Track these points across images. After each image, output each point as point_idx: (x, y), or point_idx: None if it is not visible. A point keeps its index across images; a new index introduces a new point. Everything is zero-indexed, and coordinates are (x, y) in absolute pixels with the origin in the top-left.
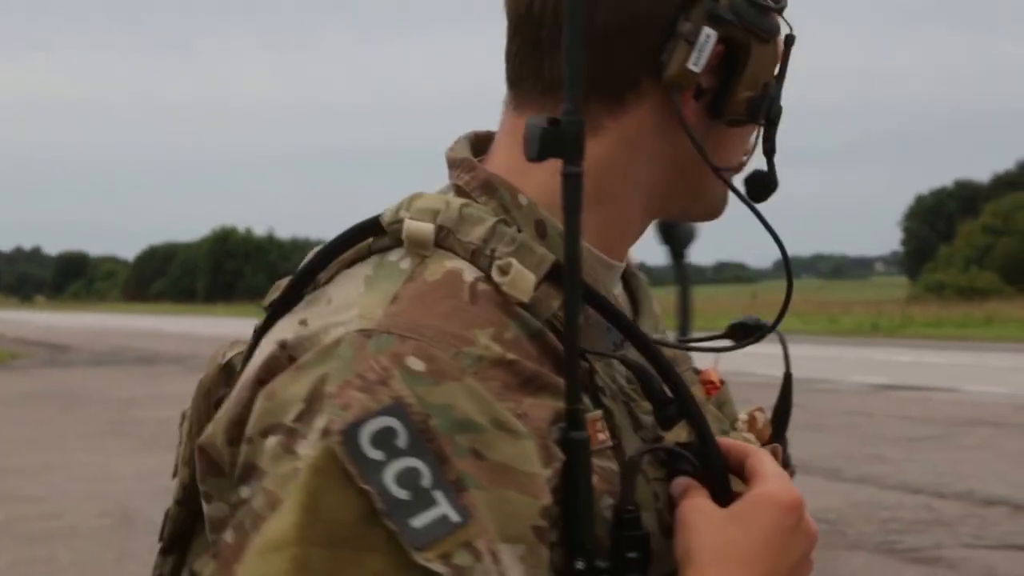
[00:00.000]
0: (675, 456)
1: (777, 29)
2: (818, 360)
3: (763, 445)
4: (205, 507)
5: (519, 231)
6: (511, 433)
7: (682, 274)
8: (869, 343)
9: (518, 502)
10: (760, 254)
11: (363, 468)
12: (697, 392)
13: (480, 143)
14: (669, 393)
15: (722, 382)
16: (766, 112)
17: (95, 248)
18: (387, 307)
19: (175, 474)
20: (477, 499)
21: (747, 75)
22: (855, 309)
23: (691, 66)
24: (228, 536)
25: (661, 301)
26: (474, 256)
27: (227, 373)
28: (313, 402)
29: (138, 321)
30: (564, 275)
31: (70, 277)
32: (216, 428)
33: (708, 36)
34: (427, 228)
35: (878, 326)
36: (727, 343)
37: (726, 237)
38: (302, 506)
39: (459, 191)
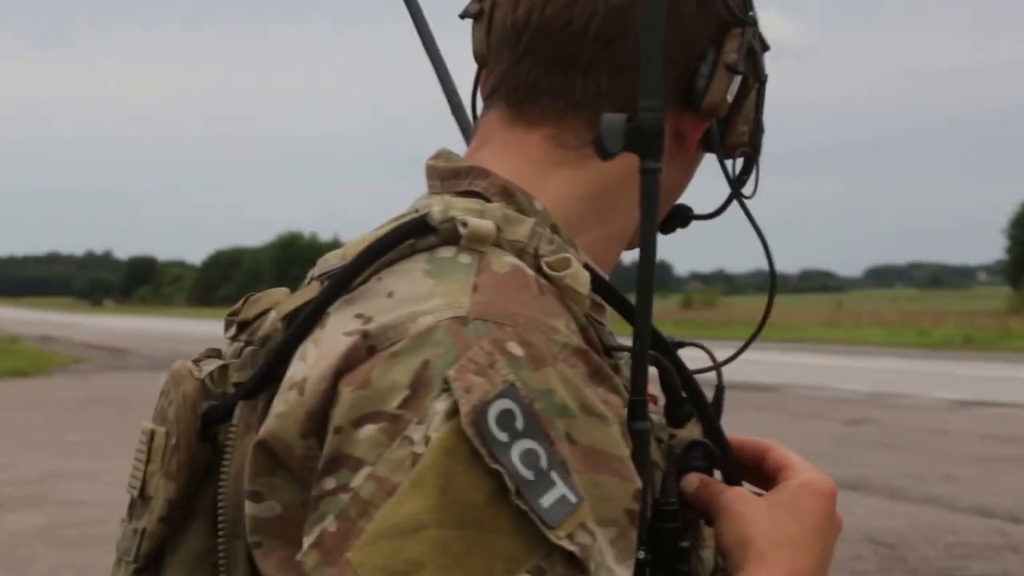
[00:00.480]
0: (690, 452)
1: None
2: (898, 374)
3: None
4: (250, 507)
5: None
6: (600, 418)
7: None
8: (959, 357)
9: (611, 486)
10: (849, 261)
11: (493, 448)
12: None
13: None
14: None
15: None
16: (759, 144)
17: (164, 253)
18: (472, 296)
19: (142, 492)
20: (579, 482)
21: (746, 108)
22: (948, 321)
23: (729, 96)
24: (330, 525)
25: (740, 310)
26: (520, 254)
27: (205, 387)
28: (420, 387)
29: (200, 326)
30: (639, 272)
31: (139, 282)
32: (284, 423)
33: (741, 68)
34: (489, 225)
35: (971, 339)
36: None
37: (812, 244)
38: (436, 488)
39: (474, 196)
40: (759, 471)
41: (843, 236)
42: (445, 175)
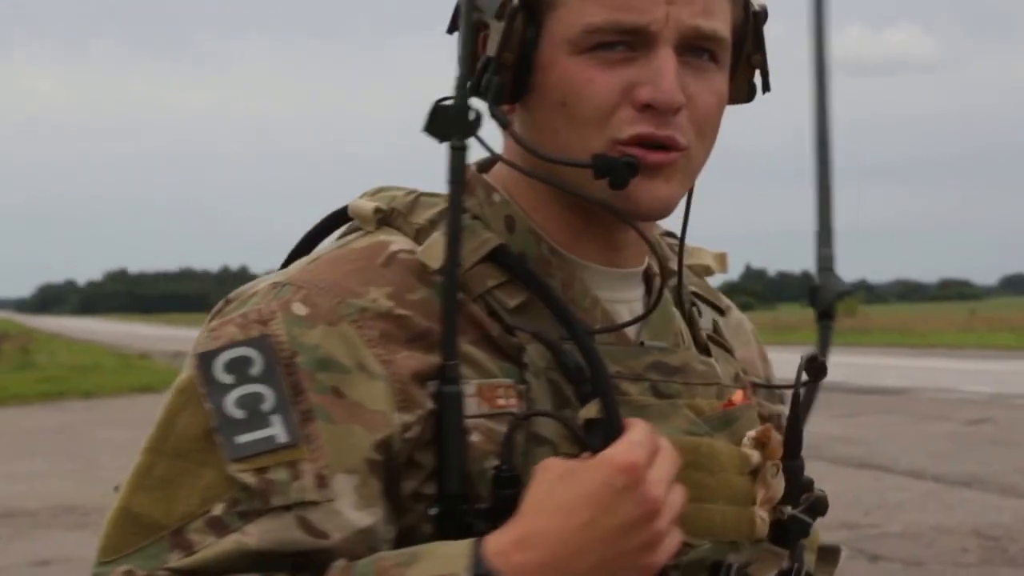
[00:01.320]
0: (587, 431)
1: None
2: (1022, 375)
3: (775, 464)
4: None
5: (475, 218)
6: (369, 375)
7: (823, 339)
8: None
9: (358, 435)
10: (985, 270)
11: (209, 389)
12: (707, 404)
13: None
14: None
15: (745, 404)
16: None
17: None
18: (304, 266)
19: None
20: (322, 430)
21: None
22: None
23: (491, 51)
24: None
25: (878, 319)
26: (418, 234)
27: None
28: None
29: None
30: (447, 240)
31: None
32: None
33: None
34: (368, 206)
35: None
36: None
37: (950, 253)
38: (161, 420)
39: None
40: None
41: (980, 245)
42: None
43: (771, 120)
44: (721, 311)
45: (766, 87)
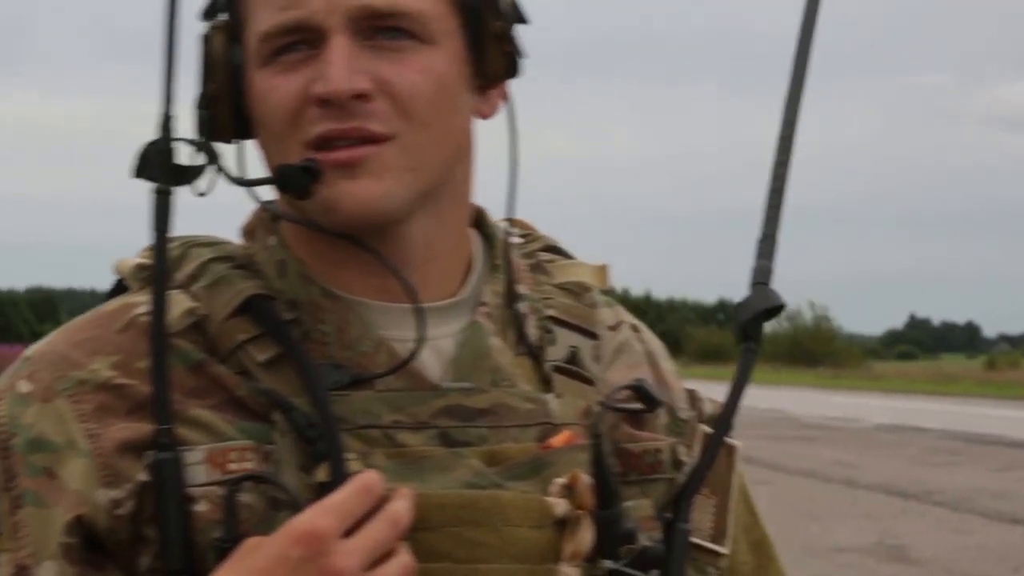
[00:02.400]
0: (322, 494)
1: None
2: None
3: (587, 511)
4: None
5: (240, 267)
6: (76, 452)
7: (741, 364)
8: None
9: (55, 518)
10: None
11: None
12: (518, 448)
13: None
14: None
15: (567, 446)
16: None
17: None
18: (54, 333)
19: None
20: (31, 516)
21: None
22: None
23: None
24: None
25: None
26: (183, 288)
27: None
28: None
29: None
30: (153, 297)
31: None
32: None
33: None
34: (130, 264)
35: None
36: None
37: None
38: None
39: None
40: None
41: None
42: None
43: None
44: (592, 335)
45: (512, 65)
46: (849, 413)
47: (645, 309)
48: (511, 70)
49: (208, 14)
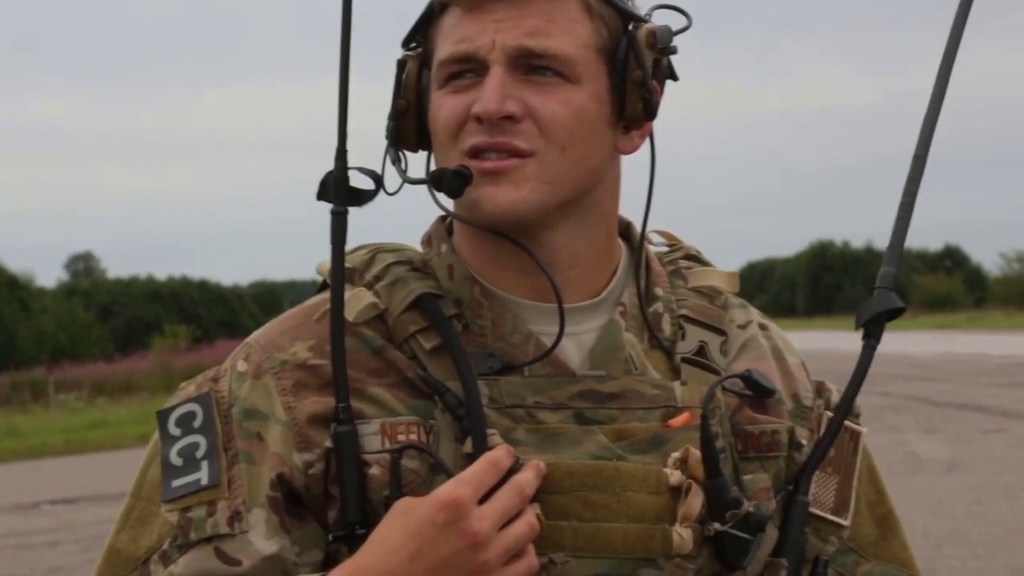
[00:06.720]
0: (469, 463)
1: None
2: None
3: (699, 483)
4: None
5: (416, 270)
6: (276, 421)
7: (861, 359)
8: None
9: (263, 474)
10: None
11: (163, 441)
12: (643, 427)
13: None
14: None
15: (683, 426)
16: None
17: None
18: (268, 323)
19: None
20: (244, 472)
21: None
22: None
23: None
24: None
25: None
26: (369, 287)
27: None
28: None
29: None
30: (331, 297)
31: None
32: None
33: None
34: (327, 266)
35: None
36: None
37: None
38: (139, 469)
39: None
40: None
41: None
42: None
43: None
44: (721, 331)
45: (647, 109)
46: None
47: (868, 260)
48: (649, 112)
49: (406, 43)
